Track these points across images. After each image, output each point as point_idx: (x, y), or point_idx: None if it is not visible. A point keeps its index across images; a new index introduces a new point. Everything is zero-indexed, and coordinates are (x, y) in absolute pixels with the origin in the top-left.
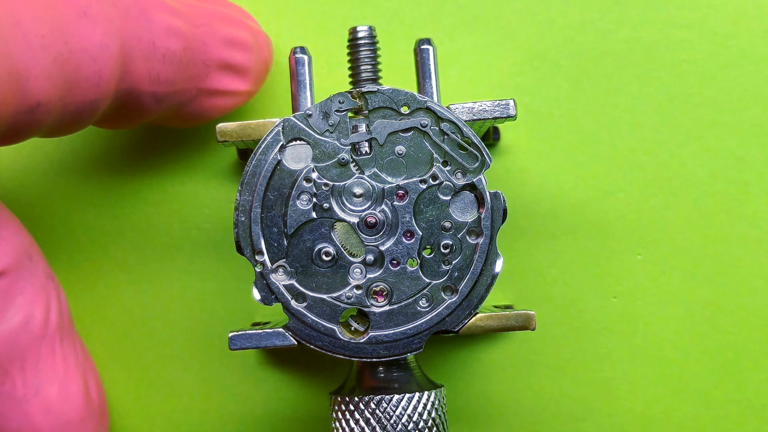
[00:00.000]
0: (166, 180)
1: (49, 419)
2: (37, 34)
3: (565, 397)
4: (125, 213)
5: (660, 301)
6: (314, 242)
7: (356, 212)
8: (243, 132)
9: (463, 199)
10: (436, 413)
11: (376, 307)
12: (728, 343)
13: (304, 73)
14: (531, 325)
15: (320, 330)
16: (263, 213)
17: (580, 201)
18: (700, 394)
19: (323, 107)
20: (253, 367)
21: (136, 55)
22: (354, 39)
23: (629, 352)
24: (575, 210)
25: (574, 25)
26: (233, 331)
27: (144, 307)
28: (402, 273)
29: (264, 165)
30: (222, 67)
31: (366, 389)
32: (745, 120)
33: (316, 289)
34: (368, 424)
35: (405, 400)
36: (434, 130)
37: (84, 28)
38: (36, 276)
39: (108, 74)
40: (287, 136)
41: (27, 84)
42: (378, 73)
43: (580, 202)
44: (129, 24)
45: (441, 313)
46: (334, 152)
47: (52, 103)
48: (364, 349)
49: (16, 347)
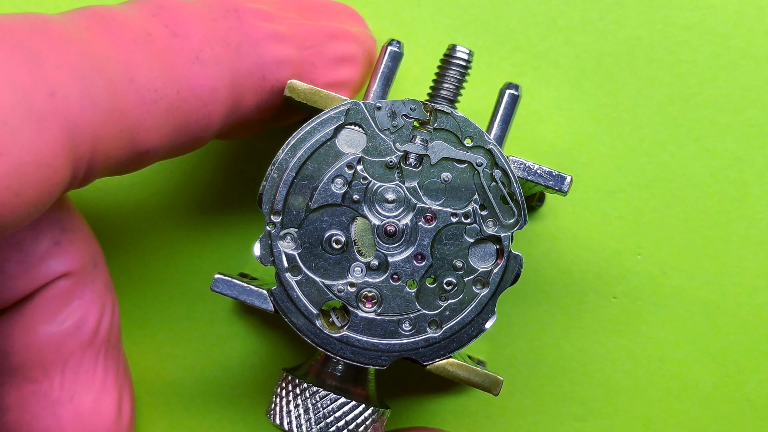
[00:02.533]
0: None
1: (78, 427)
2: (149, 88)
3: (565, 397)
4: None
5: (660, 301)
6: (330, 226)
7: (381, 216)
8: (310, 96)
9: (484, 247)
10: (355, 425)
11: (361, 311)
12: (728, 343)
13: (390, 67)
14: (495, 390)
15: (300, 308)
16: (296, 178)
17: (580, 201)
18: (700, 394)
19: (394, 107)
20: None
21: (246, 90)
22: (450, 56)
23: (629, 352)
24: (575, 210)
25: (574, 25)
26: (220, 273)
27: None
28: (398, 290)
29: (316, 135)
30: (330, 85)
31: (318, 380)
32: (745, 120)
33: (313, 269)
34: (305, 413)
35: (346, 406)
36: (486, 172)
37: (195, 74)
38: (96, 284)
39: (217, 114)
40: (349, 119)
41: (138, 137)
42: (458, 97)
43: (580, 201)
44: (239, 62)
45: (418, 343)
46: (386, 152)
47: (161, 148)
48: (333, 345)
49: (62, 350)
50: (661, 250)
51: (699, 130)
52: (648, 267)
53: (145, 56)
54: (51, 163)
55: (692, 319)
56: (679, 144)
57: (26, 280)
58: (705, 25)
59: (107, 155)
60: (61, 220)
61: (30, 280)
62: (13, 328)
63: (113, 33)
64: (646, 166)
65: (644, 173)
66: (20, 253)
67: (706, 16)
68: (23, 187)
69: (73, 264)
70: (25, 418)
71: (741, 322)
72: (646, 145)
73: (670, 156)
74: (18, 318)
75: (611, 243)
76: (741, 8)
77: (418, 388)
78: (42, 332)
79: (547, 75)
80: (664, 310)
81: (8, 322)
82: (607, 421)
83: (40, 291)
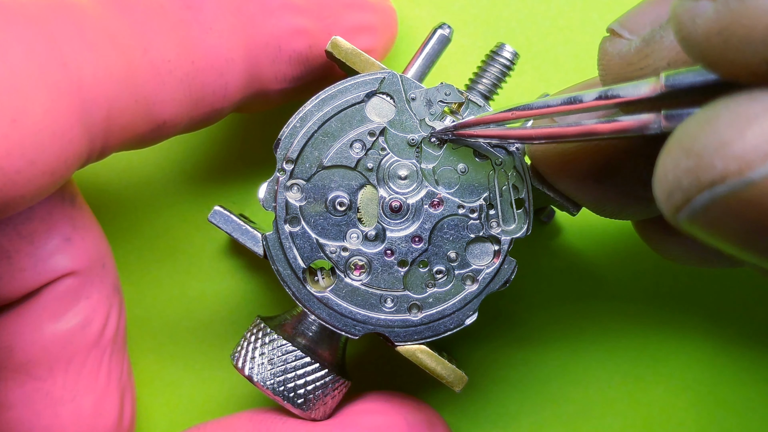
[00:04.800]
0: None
1: (78, 427)
2: (163, 59)
3: (565, 397)
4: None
5: (659, 301)
6: (338, 187)
7: (390, 189)
8: (350, 57)
9: (482, 245)
10: (313, 387)
11: (348, 277)
12: (728, 343)
13: (436, 50)
14: (458, 386)
15: (289, 259)
16: (317, 132)
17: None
18: (700, 394)
19: (428, 94)
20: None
21: (262, 61)
22: (496, 53)
23: (629, 351)
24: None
25: (574, 25)
26: (220, 205)
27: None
28: (389, 266)
29: (347, 95)
30: None
31: (289, 335)
32: None
33: (311, 225)
34: (268, 363)
35: (308, 366)
36: (503, 173)
37: (210, 45)
38: (105, 284)
39: (234, 85)
40: (382, 88)
41: (153, 107)
42: (493, 94)
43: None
44: (254, 32)
45: (395, 322)
46: (411, 129)
47: (178, 119)
48: (312, 303)
49: (67, 349)
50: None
51: None
52: (648, 267)
53: (158, 28)
54: (66, 133)
55: (692, 320)
56: None
57: (35, 273)
58: None
59: (123, 126)
60: (73, 217)
61: (39, 275)
62: (19, 324)
63: (126, 5)
64: None
65: None
66: (31, 246)
67: None
68: (39, 155)
69: (82, 262)
70: (26, 416)
71: (741, 323)
72: None
73: None
74: (24, 314)
75: (612, 243)
76: None
77: (418, 388)
78: (48, 330)
79: (547, 75)
80: (664, 310)
81: (15, 317)
82: (607, 421)
83: (48, 287)
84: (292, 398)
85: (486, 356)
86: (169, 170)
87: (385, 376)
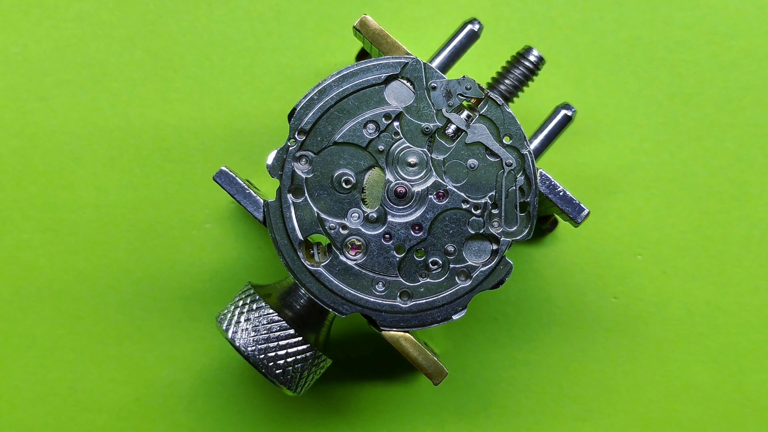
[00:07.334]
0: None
1: None
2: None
3: (565, 397)
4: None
5: (660, 301)
6: (347, 165)
7: (398, 174)
8: (377, 37)
9: (481, 243)
10: (293, 360)
11: (344, 256)
12: (728, 343)
13: (463, 44)
14: (437, 379)
15: (288, 229)
16: (333, 107)
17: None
18: (700, 394)
19: (449, 86)
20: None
21: None
22: (522, 55)
23: (629, 352)
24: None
25: (574, 25)
26: (226, 167)
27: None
28: (385, 250)
29: (368, 75)
30: None
31: (277, 306)
32: (745, 120)
33: (315, 199)
34: (252, 330)
35: (291, 338)
36: (511, 175)
37: None
38: None
39: None
40: (404, 73)
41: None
42: (513, 96)
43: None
44: None
45: (383, 306)
46: (427, 118)
47: None
48: (304, 276)
49: None
50: (661, 250)
51: (699, 130)
52: (648, 267)
53: None
54: None
55: (692, 319)
56: (679, 144)
57: None
58: (705, 25)
59: None
60: None
61: None
62: None
63: None
64: (646, 165)
65: (644, 173)
66: None
67: (706, 16)
68: None
69: None
70: None
71: (741, 322)
72: (647, 145)
73: (670, 156)
74: None
75: (611, 243)
76: (741, 8)
77: (417, 388)
78: None
79: (547, 75)
80: (665, 310)
81: None
82: (607, 421)
83: None
84: (270, 367)
85: (486, 356)
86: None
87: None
